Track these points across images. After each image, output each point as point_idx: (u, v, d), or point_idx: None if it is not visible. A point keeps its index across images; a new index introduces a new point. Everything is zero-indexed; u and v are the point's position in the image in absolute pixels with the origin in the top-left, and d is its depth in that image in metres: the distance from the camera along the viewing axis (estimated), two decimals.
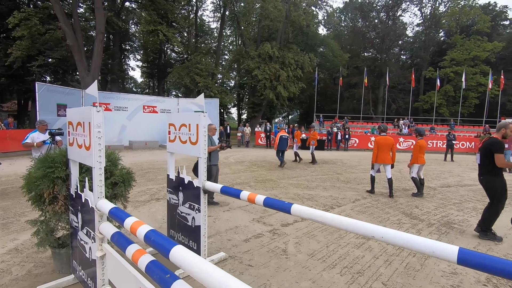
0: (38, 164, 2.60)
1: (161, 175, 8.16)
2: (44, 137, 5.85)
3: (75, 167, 2.55)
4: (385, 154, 6.31)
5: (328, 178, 8.27)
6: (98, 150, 2.10)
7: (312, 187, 7.02)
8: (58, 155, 2.60)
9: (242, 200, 2.43)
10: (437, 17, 41.39)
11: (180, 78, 25.97)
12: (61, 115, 13.35)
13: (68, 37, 16.03)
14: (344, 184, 7.54)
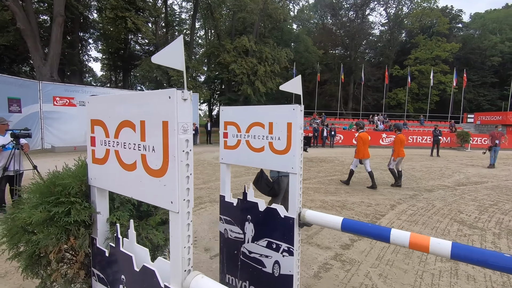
0: (33, 197, 1.46)
1: None
2: (4, 140, 4.39)
3: (104, 200, 1.47)
4: (367, 149, 6.72)
5: (339, 179, 7.63)
6: None
7: (332, 191, 6.29)
8: (71, 178, 1.47)
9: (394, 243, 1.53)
10: (400, 17, 43.30)
11: (149, 71, 23.91)
12: (13, 111, 11.17)
13: (19, 19, 13.57)
14: (360, 186, 6.93)
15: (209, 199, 5.49)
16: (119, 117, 1.25)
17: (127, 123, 1.21)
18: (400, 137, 6.85)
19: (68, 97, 13.45)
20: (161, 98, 1.05)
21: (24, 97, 11.70)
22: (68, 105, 13.47)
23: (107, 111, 1.32)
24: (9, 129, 4.40)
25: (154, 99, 1.08)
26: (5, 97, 10.83)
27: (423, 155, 13.98)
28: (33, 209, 1.39)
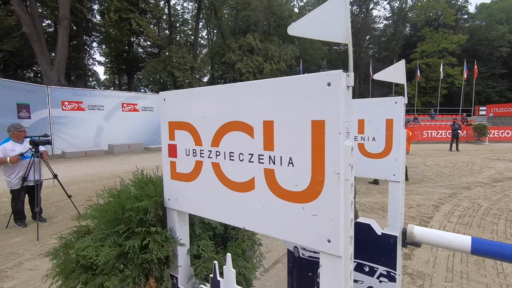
0: (97, 226, 1.13)
1: None
2: (22, 148, 4.07)
3: (185, 227, 1.13)
4: None
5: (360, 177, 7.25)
6: None
7: (364, 192, 5.93)
8: (145, 200, 1.13)
9: None
10: (404, 10, 42.72)
11: (155, 72, 23.65)
12: (23, 117, 10.93)
13: (25, 24, 13.33)
14: None
15: None
16: (223, 117, 0.90)
17: (237, 126, 0.87)
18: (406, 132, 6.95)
19: (76, 101, 13.19)
20: (312, 87, 0.70)
21: (33, 103, 11.46)
22: (77, 109, 13.22)
23: (199, 109, 0.98)
24: (27, 136, 4.10)
25: (297, 89, 0.73)
26: (14, 103, 10.58)
27: (442, 150, 13.54)
28: (98, 243, 1.06)
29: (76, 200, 5.36)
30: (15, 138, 4.11)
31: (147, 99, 15.86)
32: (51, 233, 3.95)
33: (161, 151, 1.16)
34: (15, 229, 4.10)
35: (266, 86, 0.80)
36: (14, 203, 4.09)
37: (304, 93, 0.72)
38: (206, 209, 0.99)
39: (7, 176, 4.01)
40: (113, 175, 8.06)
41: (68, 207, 5.06)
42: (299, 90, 0.73)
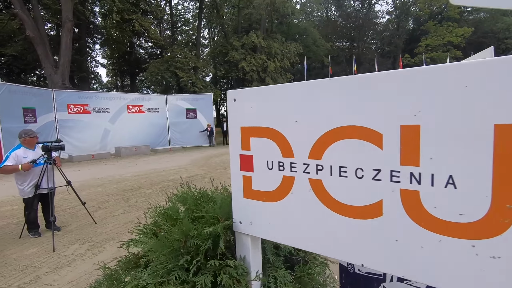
0: (154, 257, 0.93)
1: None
2: (34, 154, 3.89)
3: (258, 253, 0.93)
4: None
5: None
6: None
7: None
8: (210, 225, 0.93)
9: None
10: (407, 4, 42.26)
11: (158, 73, 23.46)
12: (29, 122, 10.78)
13: (28, 27, 13.18)
14: None
15: None
16: (328, 121, 0.70)
17: (353, 132, 0.66)
18: None
19: (82, 104, 13.04)
20: (499, 77, 0.49)
21: (39, 107, 11.31)
22: (83, 112, 13.08)
23: (290, 112, 0.77)
24: (39, 142, 3.92)
25: (467, 80, 0.52)
26: (20, 107, 10.44)
27: None
28: (158, 278, 0.86)
29: (88, 206, 5.19)
30: (26, 145, 3.92)
31: (152, 100, 15.69)
32: (67, 242, 3.77)
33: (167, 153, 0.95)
34: (29, 239, 3.93)
35: (412, 76, 0.58)
36: (27, 212, 3.91)
37: (483, 85, 0.51)
38: (300, 237, 0.79)
39: (19, 184, 3.84)
40: (123, 178, 7.90)
41: (81, 214, 4.89)
42: (473, 81, 0.51)
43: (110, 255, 3.36)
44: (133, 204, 5.43)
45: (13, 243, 3.82)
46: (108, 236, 3.90)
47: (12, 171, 3.61)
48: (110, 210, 5.11)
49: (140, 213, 4.80)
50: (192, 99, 16.68)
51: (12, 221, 4.70)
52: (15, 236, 4.02)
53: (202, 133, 16.36)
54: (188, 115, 16.40)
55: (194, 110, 16.41)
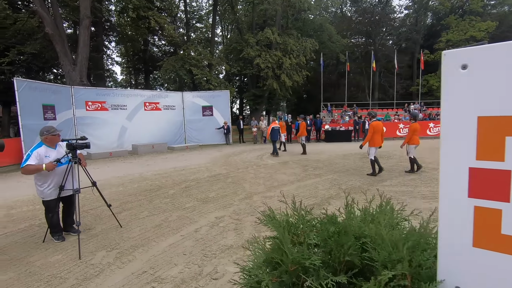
0: None
1: (211, 190, 6.03)
2: (57, 153, 3.60)
3: None
4: (380, 137, 7.04)
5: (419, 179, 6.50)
6: None
7: None
8: None
9: None
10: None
11: (174, 70, 23.32)
12: (48, 119, 10.73)
13: (47, 24, 13.17)
14: None
15: None
16: None
17: None
18: (414, 126, 7.21)
19: (100, 101, 12.96)
20: None
21: (58, 104, 11.26)
22: (100, 109, 13.00)
23: None
24: (64, 140, 3.63)
25: None
26: (39, 104, 10.38)
27: None
28: None
29: (111, 207, 4.92)
30: (48, 143, 3.62)
31: (169, 98, 15.49)
32: (93, 249, 3.48)
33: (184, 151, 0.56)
34: (52, 243, 3.67)
35: None
36: (50, 214, 3.65)
37: None
38: None
39: (38, 185, 3.56)
40: (143, 177, 7.65)
41: (104, 215, 4.63)
42: None
43: (141, 265, 3.04)
44: (157, 205, 5.14)
45: (36, 248, 3.56)
46: (136, 242, 3.59)
47: (35, 171, 3.33)
48: (134, 212, 4.82)
49: (167, 215, 4.49)
50: (209, 96, 16.40)
51: (34, 222, 4.47)
52: (38, 240, 3.78)
53: (218, 130, 16.07)
54: (204, 112, 16.15)
55: (211, 108, 16.14)
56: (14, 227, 4.30)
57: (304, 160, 9.79)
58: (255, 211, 4.62)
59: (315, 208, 4.68)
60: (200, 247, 3.40)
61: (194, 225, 4.11)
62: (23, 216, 4.77)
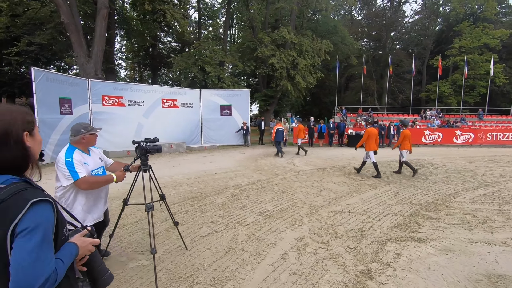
0: None
1: (257, 199, 5.30)
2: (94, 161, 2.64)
3: None
4: (375, 142, 7.56)
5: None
6: None
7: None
8: None
9: None
10: (437, 4, 40.53)
11: (186, 67, 22.56)
12: (65, 113, 9.97)
13: (63, 13, 12.40)
14: None
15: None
16: None
17: None
18: (405, 132, 7.76)
19: (117, 96, 12.19)
20: None
21: (74, 97, 10.49)
22: (117, 104, 12.22)
23: None
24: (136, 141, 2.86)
25: None
26: (56, 97, 9.60)
27: None
28: None
29: (156, 219, 4.19)
30: (84, 146, 2.57)
31: (187, 95, 14.74)
32: (167, 282, 2.74)
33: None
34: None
35: None
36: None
37: None
38: None
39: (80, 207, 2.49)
40: (176, 182, 6.91)
41: (158, 231, 3.89)
42: None
43: None
44: (213, 219, 4.40)
45: None
46: (218, 275, 2.85)
47: (103, 183, 2.53)
48: (190, 227, 4.09)
49: (233, 234, 3.77)
50: (227, 95, 15.67)
51: None
52: None
53: (237, 133, 15.35)
54: (222, 111, 15.41)
55: (229, 107, 15.41)
56: None
57: (342, 167, 9.09)
58: (335, 232, 3.91)
59: (402, 228, 3.97)
60: (305, 285, 2.67)
61: (275, 250, 3.39)
62: None
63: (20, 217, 0.84)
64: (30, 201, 0.86)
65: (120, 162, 2.98)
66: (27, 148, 0.97)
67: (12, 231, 0.83)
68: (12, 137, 0.93)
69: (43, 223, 0.87)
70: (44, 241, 0.85)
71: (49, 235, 0.88)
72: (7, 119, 0.94)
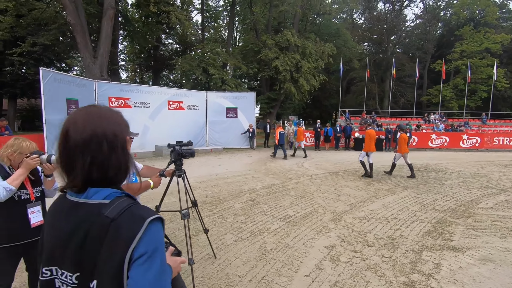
0: None
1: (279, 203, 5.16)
2: None
3: None
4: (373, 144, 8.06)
5: None
6: None
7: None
8: None
9: None
10: (439, 9, 40.77)
11: (190, 69, 22.45)
12: None
13: (69, 13, 12.26)
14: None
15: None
16: None
17: None
18: (403, 136, 8.08)
19: (123, 97, 12.05)
20: None
21: (81, 98, 10.33)
22: (124, 106, 12.07)
23: None
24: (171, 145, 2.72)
25: None
26: (63, 98, 9.44)
27: None
28: None
29: (176, 226, 4.03)
30: None
31: (193, 97, 14.61)
32: None
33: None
34: None
35: None
36: None
37: None
38: None
39: None
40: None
41: (181, 237, 3.74)
42: None
43: None
44: (236, 225, 4.26)
45: None
46: (255, 286, 2.71)
47: (143, 190, 2.42)
48: (214, 233, 3.94)
49: (260, 241, 3.62)
50: (233, 97, 15.55)
51: None
52: None
53: (243, 135, 15.22)
54: (228, 114, 15.27)
55: (235, 109, 15.28)
56: None
57: (354, 171, 8.96)
58: (366, 240, 3.77)
59: (434, 235, 3.84)
60: None
61: (308, 259, 3.24)
62: None
63: (138, 240, 0.70)
64: (146, 220, 0.72)
65: (149, 167, 2.84)
66: (130, 155, 0.84)
67: (129, 257, 0.69)
68: (120, 141, 0.80)
69: (160, 245, 0.73)
70: (162, 268, 0.72)
71: (164, 259, 0.74)
72: (114, 120, 0.81)
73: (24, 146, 2.05)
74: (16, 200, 1.97)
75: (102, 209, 0.72)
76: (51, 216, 0.83)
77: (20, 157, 2.01)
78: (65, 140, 0.77)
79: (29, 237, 2.02)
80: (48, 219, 0.84)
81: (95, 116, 0.79)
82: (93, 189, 0.76)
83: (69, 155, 0.76)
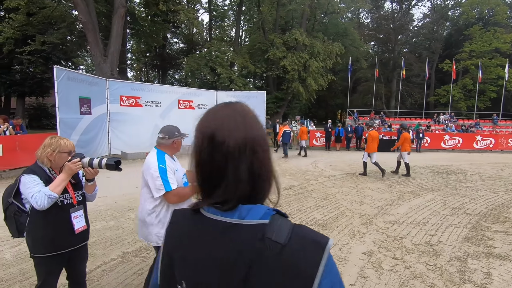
0: None
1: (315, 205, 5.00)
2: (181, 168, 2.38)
3: None
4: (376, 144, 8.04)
5: None
6: None
7: None
8: None
9: None
10: (446, 8, 40.33)
11: (198, 69, 22.36)
12: (84, 113, 9.72)
13: (80, 11, 12.19)
14: None
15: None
16: None
17: None
18: (405, 135, 8.27)
19: (134, 96, 11.94)
20: None
21: (94, 96, 10.25)
22: (135, 105, 11.97)
23: None
24: None
25: None
26: (76, 97, 9.35)
27: None
28: None
29: None
30: (171, 151, 2.33)
31: (203, 96, 14.49)
32: None
33: None
34: None
35: None
36: None
37: None
38: None
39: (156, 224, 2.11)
40: None
41: None
42: None
43: None
44: None
45: None
46: None
47: (190, 196, 2.21)
48: None
49: None
50: (243, 97, 15.40)
51: None
52: None
53: None
54: None
55: None
56: None
57: (371, 172, 8.77)
58: (403, 245, 3.60)
59: (473, 242, 3.66)
60: None
61: (348, 266, 3.08)
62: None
63: (322, 271, 0.54)
64: (326, 247, 0.56)
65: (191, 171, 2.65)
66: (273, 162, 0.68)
67: None
68: (268, 145, 0.66)
69: (340, 276, 0.58)
70: None
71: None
72: (257, 120, 0.66)
73: (63, 144, 1.91)
74: (59, 206, 1.83)
75: (265, 231, 0.57)
76: (185, 239, 0.65)
77: (60, 157, 1.87)
78: (213, 146, 0.62)
79: (73, 244, 1.89)
80: (177, 242, 0.66)
81: (238, 116, 0.64)
82: (245, 206, 0.61)
83: (219, 165, 0.61)
